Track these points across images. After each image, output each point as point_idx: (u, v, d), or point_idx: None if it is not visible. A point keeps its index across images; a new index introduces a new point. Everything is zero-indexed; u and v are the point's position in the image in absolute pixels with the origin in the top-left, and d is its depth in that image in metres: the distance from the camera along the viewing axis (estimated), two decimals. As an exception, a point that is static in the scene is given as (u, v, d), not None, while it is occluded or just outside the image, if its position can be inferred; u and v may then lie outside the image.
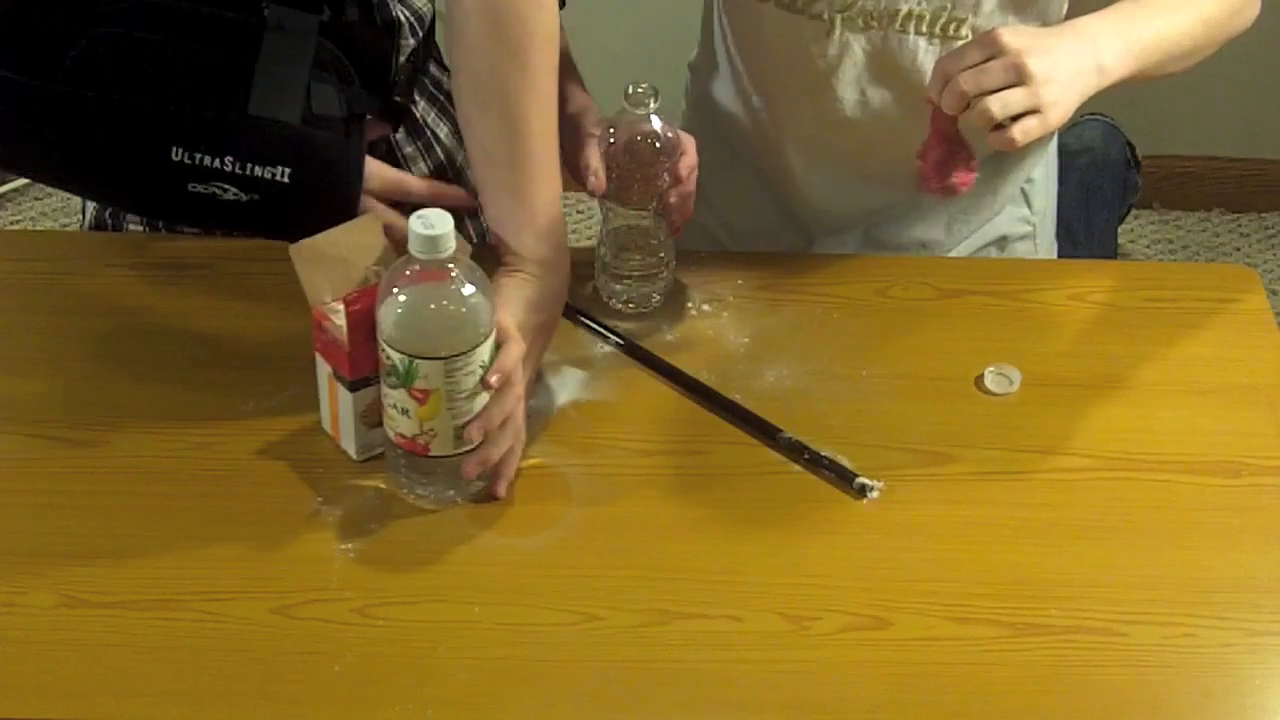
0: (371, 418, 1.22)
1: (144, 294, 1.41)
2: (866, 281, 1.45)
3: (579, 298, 1.41)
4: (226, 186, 1.27)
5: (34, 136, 1.30)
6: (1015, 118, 1.22)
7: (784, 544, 1.20)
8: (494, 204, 1.29)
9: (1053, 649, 1.12)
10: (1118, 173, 2.32)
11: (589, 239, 2.80)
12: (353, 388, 1.21)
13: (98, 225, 1.53)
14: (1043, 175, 1.64)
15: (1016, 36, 1.22)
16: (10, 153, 1.34)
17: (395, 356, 1.14)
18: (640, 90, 1.32)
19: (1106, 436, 1.29)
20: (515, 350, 1.19)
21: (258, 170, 1.27)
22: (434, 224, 1.12)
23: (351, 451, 1.25)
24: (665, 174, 1.34)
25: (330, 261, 1.20)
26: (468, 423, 1.17)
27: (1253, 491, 1.25)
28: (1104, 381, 1.35)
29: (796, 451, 1.26)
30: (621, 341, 1.37)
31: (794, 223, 1.62)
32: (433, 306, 1.15)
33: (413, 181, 1.41)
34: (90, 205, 1.56)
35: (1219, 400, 1.33)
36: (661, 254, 1.39)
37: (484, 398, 1.17)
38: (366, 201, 1.35)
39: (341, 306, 1.17)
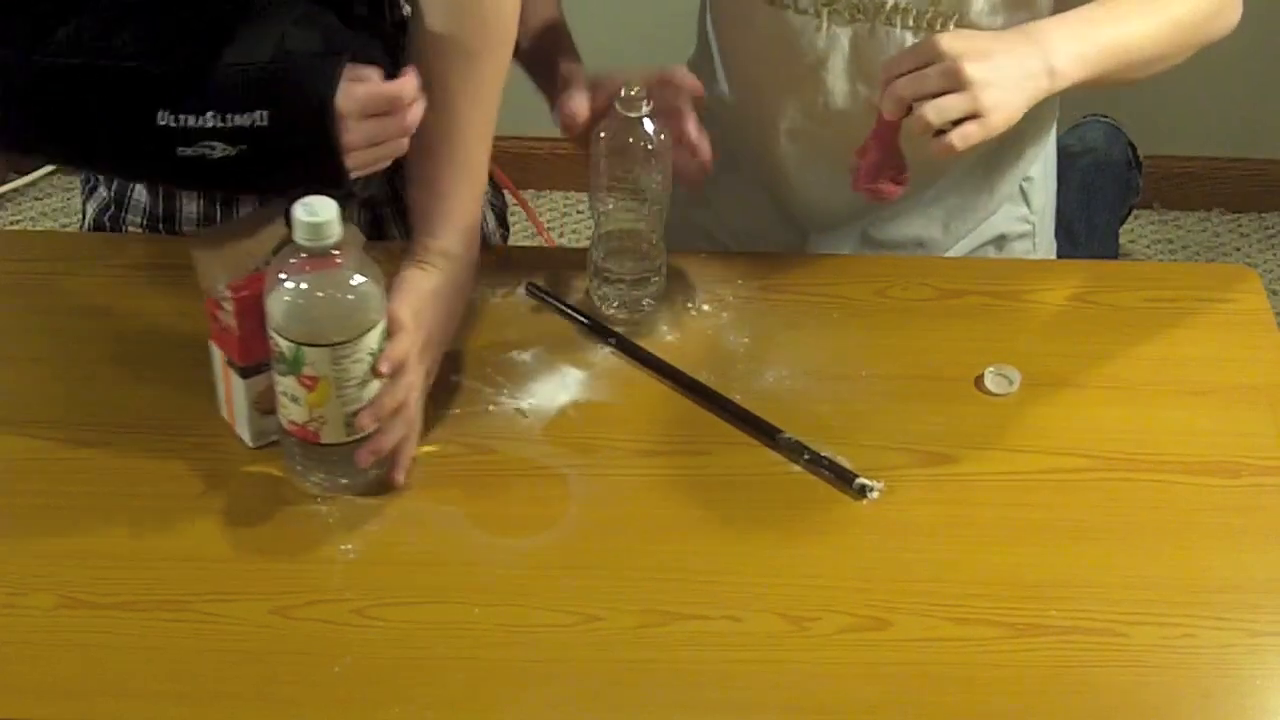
0: (265, 404, 1.22)
1: (144, 294, 1.41)
2: (866, 281, 1.45)
3: (577, 299, 1.41)
4: (214, 144, 1.26)
5: (23, 110, 1.30)
6: (957, 123, 1.22)
7: (783, 544, 1.20)
8: (418, 194, 1.32)
9: (1052, 649, 1.12)
10: (1120, 174, 2.32)
11: (588, 240, 2.80)
12: (244, 374, 1.21)
13: (97, 226, 1.53)
14: (1041, 174, 1.64)
15: (955, 41, 1.22)
16: (4, 131, 1.34)
17: (283, 344, 1.15)
18: (633, 93, 1.32)
19: (1106, 437, 1.29)
20: (406, 340, 1.20)
21: (238, 119, 1.25)
22: (317, 211, 1.12)
23: (246, 438, 1.25)
24: (657, 176, 1.35)
25: (227, 251, 1.20)
26: (359, 410, 1.18)
27: (1253, 491, 1.25)
28: (1104, 381, 1.35)
29: (796, 452, 1.26)
30: (621, 342, 1.37)
31: (791, 222, 1.62)
32: (319, 294, 1.15)
33: (387, 88, 1.29)
34: (90, 206, 1.56)
35: (1218, 400, 1.33)
36: (653, 258, 1.39)
37: (376, 386, 1.18)
38: (348, 136, 1.27)
39: (231, 293, 1.18)
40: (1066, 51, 1.27)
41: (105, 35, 1.27)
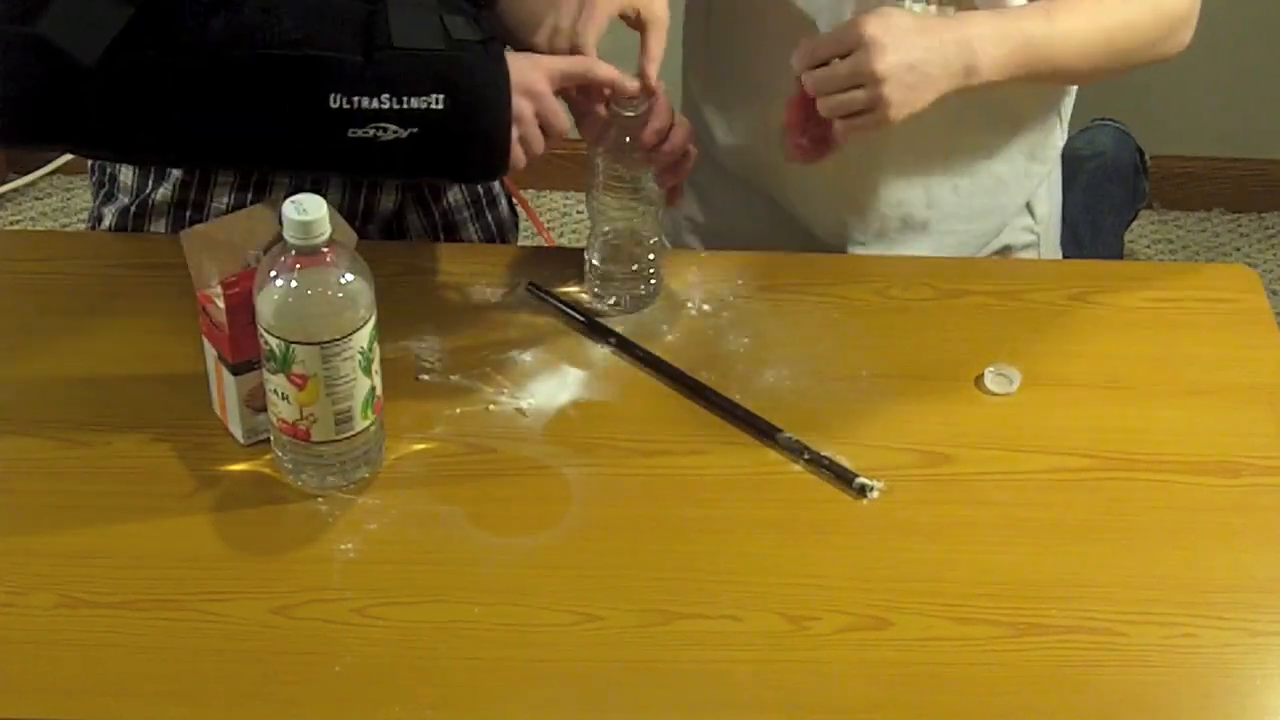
0: (255, 402, 1.23)
1: (144, 294, 1.41)
2: (866, 281, 1.45)
3: (577, 299, 1.41)
4: (386, 126, 1.28)
5: (183, 115, 1.31)
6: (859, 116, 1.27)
7: (784, 544, 1.20)
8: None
9: (1053, 649, 1.12)
10: (1127, 178, 2.31)
11: (589, 239, 2.80)
12: (235, 371, 1.22)
13: (118, 229, 1.53)
14: (1046, 185, 1.63)
15: (877, 27, 1.25)
16: (161, 138, 1.34)
17: (272, 341, 1.15)
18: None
19: (1106, 436, 1.29)
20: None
21: (414, 102, 1.28)
22: (307, 209, 1.12)
23: (238, 435, 1.25)
24: (654, 175, 1.35)
25: (220, 247, 1.20)
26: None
27: (1253, 491, 1.25)
28: (1104, 381, 1.35)
29: (796, 451, 1.26)
30: (621, 342, 1.37)
31: (786, 228, 1.61)
32: (309, 292, 1.15)
33: (588, 66, 1.35)
34: (108, 211, 1.54)
35: (1219, 400, 1.33)
36: (650, 256, 1.39)
37: (366, 384, 1.18)
38: (537, 88, 1.33)
39: (221, 289, 1.18)
40: (990, 53, 1.30)
41: (266, 24, 1.28)
